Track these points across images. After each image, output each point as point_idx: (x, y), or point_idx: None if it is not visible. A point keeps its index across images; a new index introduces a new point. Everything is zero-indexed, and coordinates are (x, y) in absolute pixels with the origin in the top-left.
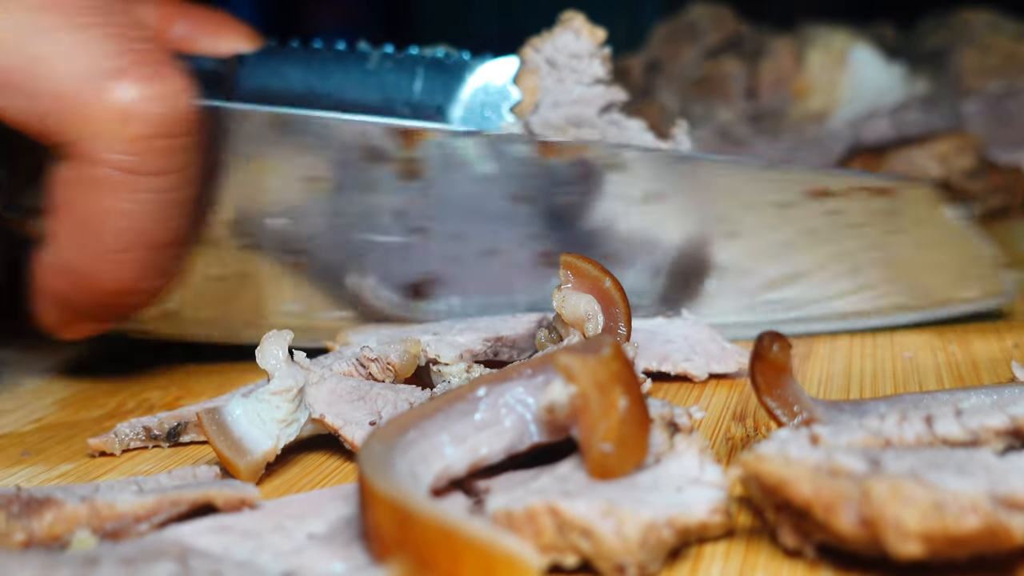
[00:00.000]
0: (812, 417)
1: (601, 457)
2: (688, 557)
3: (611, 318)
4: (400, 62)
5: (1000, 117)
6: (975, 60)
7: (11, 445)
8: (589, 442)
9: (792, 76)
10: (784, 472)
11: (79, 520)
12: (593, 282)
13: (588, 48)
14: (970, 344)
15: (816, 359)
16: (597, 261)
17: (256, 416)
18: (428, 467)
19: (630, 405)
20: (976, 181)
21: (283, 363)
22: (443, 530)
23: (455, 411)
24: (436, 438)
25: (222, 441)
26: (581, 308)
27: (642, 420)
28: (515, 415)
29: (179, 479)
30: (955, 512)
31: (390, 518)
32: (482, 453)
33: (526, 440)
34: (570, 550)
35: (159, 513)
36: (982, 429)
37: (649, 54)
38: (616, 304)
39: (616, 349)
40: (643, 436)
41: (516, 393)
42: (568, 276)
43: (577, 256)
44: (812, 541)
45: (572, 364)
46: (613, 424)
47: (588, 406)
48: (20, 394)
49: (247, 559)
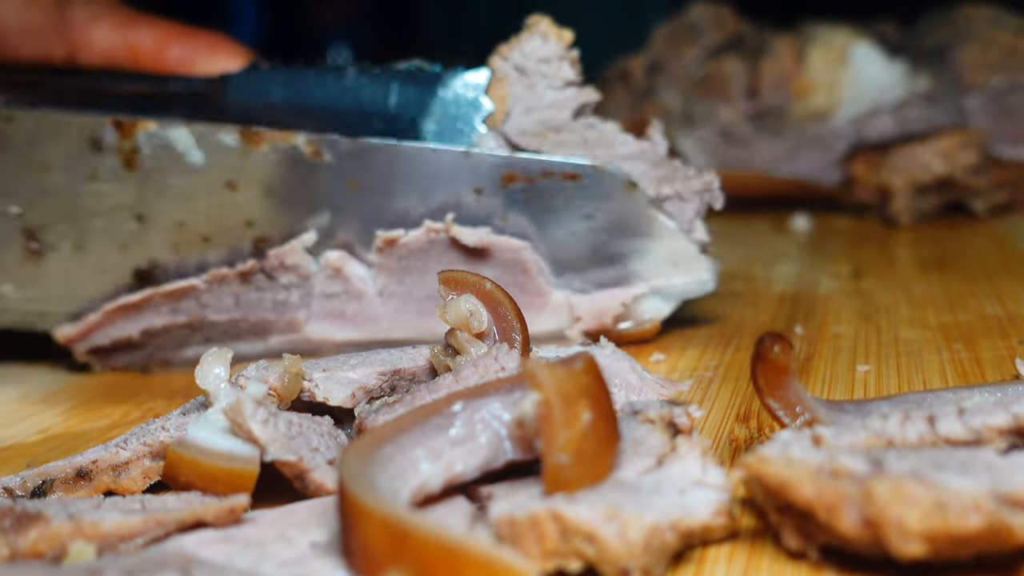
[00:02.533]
0: (815, 418)
1: (556, 468)
2: (692, 560)
3: (500, 318)
4: (376, 77)
5: (1003, 113)
6: (977, 56)
7: (17, 456)
8: (547, 451)
9: (793, 75)
10: (786, 474)
11: (62, 538)
12: (473, 288)
13: (556, 52)
14: (975, 341)
15: (819, 359)
16: (472, 272)
17: (226, 432)
18: (405, 483)
19: (595, 420)
20: (980, 177)
21: (226, 382)
22: (443, 546)
23: (431, 426)
24: (412, 453)
25: (214, 459)
26: (462, 307)
27: (606, 438)
28: (490, 431)
29: (185, 502)
30: (957, 512)
31: (383, 535)
32: (457, 470)
33: (501, 457)
34: (574, 555)
35: (144, 534)
36: (985, 428)
37: (650, 55)
38: (501, 303)
39: (588, 364)
40: (605, 454)
41: (492, 408)
42: (447, 290)
43: (452, 270)
44: (815, 543)
45: (538, 371)
46: (573, 436)
47: (550, 415)
48: (26, 405)
49: (250, 569)
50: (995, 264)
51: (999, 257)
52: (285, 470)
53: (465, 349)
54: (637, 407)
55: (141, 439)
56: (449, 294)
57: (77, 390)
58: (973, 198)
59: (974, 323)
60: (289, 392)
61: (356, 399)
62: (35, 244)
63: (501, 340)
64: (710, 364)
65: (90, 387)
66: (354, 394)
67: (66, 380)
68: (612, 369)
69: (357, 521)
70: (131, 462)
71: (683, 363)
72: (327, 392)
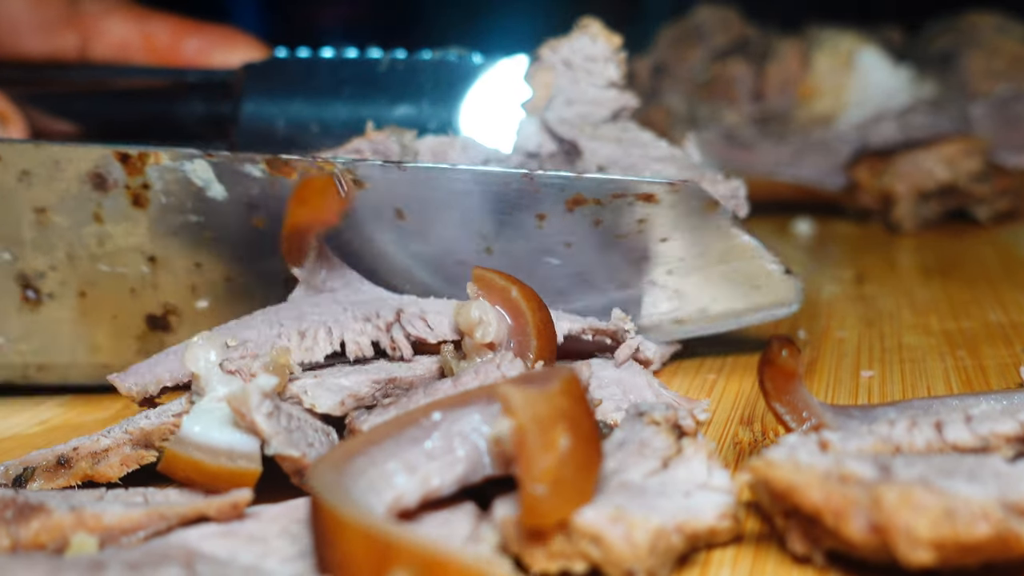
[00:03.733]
0: (821, 423)
1: (532, 500)
2: (697, 563)
3: (520, 330)
4: (410, 66)
5: (1007, 120)
6: (982, 63)
7: (17, 447)
8: (523, 481)
9: (799, 79)
10: (794, 478)
11: (64, 530)
12: (500, 292)
13: (604, 52)
14: (979, 348)
15: (822, 364)
16: (507, 273)
17: (222, 423)
18: (379, 496)
19: (573, 446)
20: (983, 184)
21: (216, 368)
22: (428, 557)
23: (405, 438)
24: (385, 466)
25: (215, 458)
26: (473, 313)
27: (586, 463)
28: (469, 444)
29: (188, 496)
30: (966, 519)
31: (365, 548)
32: (434, 484)
33: (480, 471)
34: (579, 557)
35: (147, 527)
36: (992, 435)
37: (656, 57)
38: (522, 314)
39: (566, 384)
40: (585, 481)
41: (472, 421)
42: (476, 290)
43: (487, 269)
44: (821, 547)
45: (512, 396)
46: (549, 466)
47: (525, 443)
48: (26, 396)
49: (253, 563)
50: (998, 272)
51: (1002, 265)
52: (286, 465)
53: (472, 356)
54: (642, 409)
55: (124, 428)
56: (476, 293)
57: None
58: (976, 205)
59: (977, 330)
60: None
61: (345, 407)
62: (31, 292)
63: (516, 353)
64: (713, 367)
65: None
66: (343, 401)
67: None
68: (628, 384)
69: (335, 535)
70: (111, 449)
71: (686, 366)
72: (315, 399)
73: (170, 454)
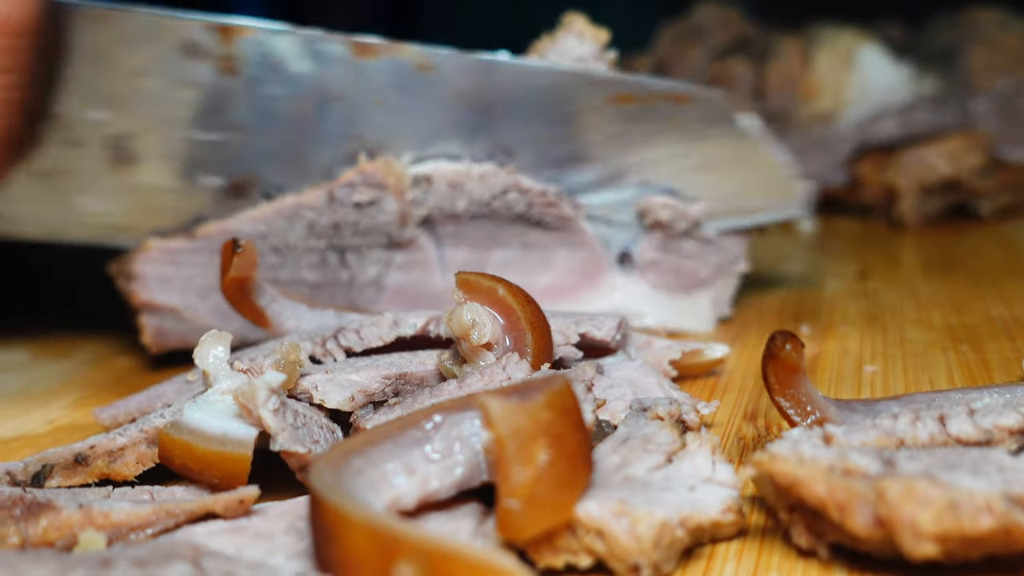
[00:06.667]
0: (825, 417)
1: (505, 514)
2: (701, 556)
3: (513, 326)
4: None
5: (1009, 115)
6: (984, 59)
7: (24, 446)
8: (499, 494)
9: (800, 76)
10: (798, 472)
11: (73, 527)
12: (486, 293)
13: (592, 51)
14: (981, 343)
15: (825, 359)
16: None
17: (223, 413)
18: (378, 496)
19: (552, 462)
20: (986, 179)
21: (224, 363)
22: (434, 551)
23: (405, 439)
24: (383, 467)
25: (207, 443)
26: (465, 317)
27: (566, 480)
28: (468, 449)
29: (195, 493)
30: (970, 512)
31: (369, 544)
32: (432, 486)
33: (477, 476)
34: (584, 551)
35: (154, 524)
36: (996, 428)
37: (656, 55)
38: (512, 310)
39: (553, 396)
40: (564, 498)
41: (472, 425)
42: (463, 294)
43: (469, 272)
44: (825, 541)
45: (492, 408)
46: (525, 481)
47: (502, 456)
48: (34, 396)
49: (260, 560)
50: (1000, 267)
51: (1004, 260)
52: (291, 461)
53: (471, 359)
54: (646, 404)
55: (140, 426)
56: (463, 298)
57: (84, 382)
58: (978, 200)
59: (980, 325)
60: (286, 382)
61: (355, 402)
62: (120, 153)
63: (513, 349)
64: None
65: (97, 379)
66: (353, 397)
67: (73, 372)
68: (639, 384)
69: (338, 531)
70: (127, 448)
71: None
72: (325, 394)
73: (165, 438)
